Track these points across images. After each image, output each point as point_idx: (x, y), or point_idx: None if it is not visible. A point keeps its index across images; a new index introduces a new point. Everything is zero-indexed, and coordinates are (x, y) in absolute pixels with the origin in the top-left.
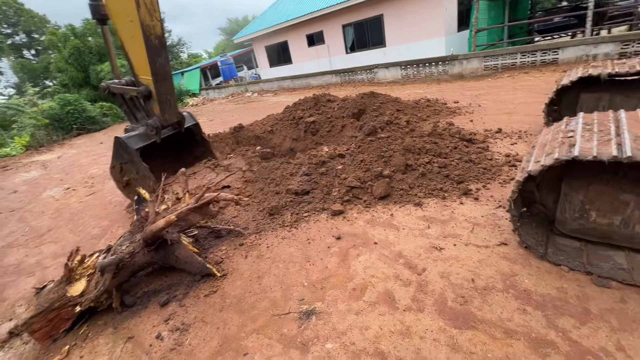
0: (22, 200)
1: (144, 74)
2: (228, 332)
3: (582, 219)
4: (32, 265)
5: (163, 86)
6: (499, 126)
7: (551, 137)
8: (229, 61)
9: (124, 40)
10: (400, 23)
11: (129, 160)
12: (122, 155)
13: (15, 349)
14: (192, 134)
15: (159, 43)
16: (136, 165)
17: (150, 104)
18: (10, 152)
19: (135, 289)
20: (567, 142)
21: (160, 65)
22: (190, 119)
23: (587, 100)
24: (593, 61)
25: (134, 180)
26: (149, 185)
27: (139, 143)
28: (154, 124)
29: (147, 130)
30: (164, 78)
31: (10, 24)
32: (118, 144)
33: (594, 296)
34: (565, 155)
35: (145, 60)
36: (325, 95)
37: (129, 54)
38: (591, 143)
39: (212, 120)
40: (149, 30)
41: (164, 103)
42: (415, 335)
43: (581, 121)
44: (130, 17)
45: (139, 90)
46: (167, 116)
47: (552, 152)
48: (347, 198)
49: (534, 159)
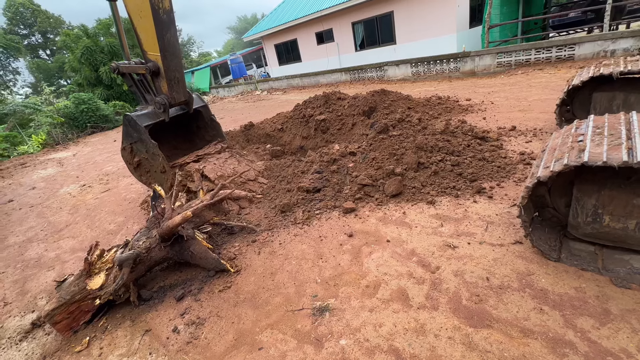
0: (40, 197)
1: (152, 50)
2: (243, 326)
3: (595, 223)
4: (51, 259)
5: (172, 63)
6: (512, 124)
7: (561, 142)
8: (239, 60)
9: (133, 16)
10: (410, 20)
11: (138, 139)
12: (132, 134)
13: (38, 340)
14: (201, 115)
15: (167, 18)
16: (145, 144)
17: (159, 82)
18: (28, 149)
19: (152, 284)
20: (577, 147)
21: (168, 41)
22: (199, 100)
23: (600, 99)
24: (611, 57)
25: (144, 160)
26: (159, 162)
27: (147, 121)
28: (162, 101)
29: (155, 108)
30: (173, 55)
31: (27, 25)
32: (127, 121)
33: (614, 296)
34: (574, 161)
35: (153, 36)
36: (335, 93)
37: (137, 30)
38: (601, 148)
39: (222, 119)
40: (157, 5)
41: (172, 81)
42: (430, 333)
43: (591, 124)
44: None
45: (147, 67)
46: (175, 94)
47: (562, 158)
48: (358, 196)
49: (544, 165)
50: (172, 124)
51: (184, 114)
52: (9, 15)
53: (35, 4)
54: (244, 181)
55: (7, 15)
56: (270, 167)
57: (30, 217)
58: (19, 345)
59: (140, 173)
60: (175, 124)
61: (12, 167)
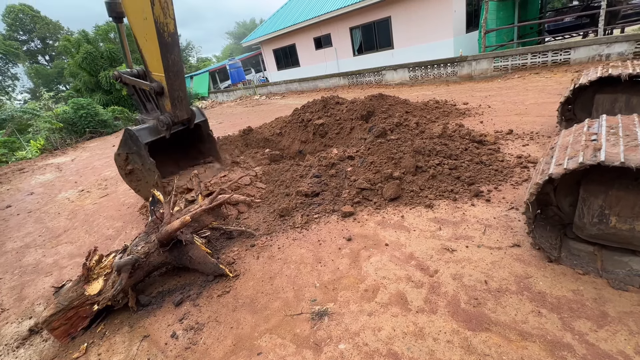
0: (38, 202)
1: (156, 71)
2: (241, 331)
3: (601, 224)
4: (49, 265)
5: (175, 83)
6: (509, 127)
7: (573, 140)
8: (237, 64)
9: (138, 37)
10: (408, 25)
11: (135, 152)
12: (130, 146)
13: (35, 346)
14: (200, 129)
15: (172, 40)
16: (143, 159)
17: (163, 100)
18: (27, 155)
19: (150, 289)
20: (592, 145)
21: (172, 62)
22: (200, 115)
23: (603, 101)
24: (606, 61)
25: (137, 170)
26: (154, 179)
27: (148, 137)
28: (166, 120)
29: (159, 125)
30: (176, 75)
31: (26, 31)
32: (128, 135)
33: (611, 299)
34: (590, 159)
35: (158, 57)
36: (333, 97)
37: (143, 51)
38: (617, 148)
39: (221, 123)
40: (162, 28)
41: (176, 100)
42: (429, 337)
43: (604, 124)
44: (144, 14)
45: (152, 87)
46: (179, 112)
47: (576, 156)
48: (357, 200)
49: (556, 162)
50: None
51: (184, 129)
52: (8, 21)
53: (35, 10)
54: (240, 186)
55: (7, 21)
56: (269, 172)
57: (28, 222)
58: (16, 352)
59: (131, 179)
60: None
61: (11, 172)
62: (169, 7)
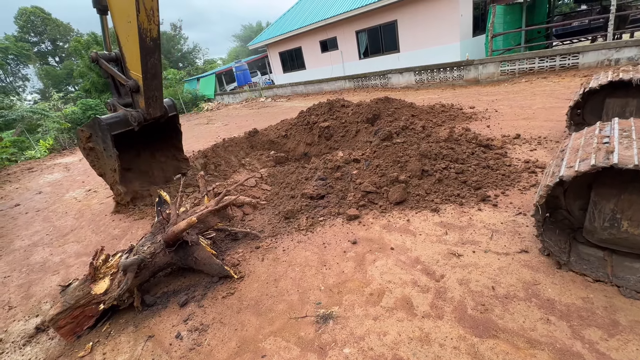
0: (46, 201)
1: (135, 70)
2: (246, 333)
3: (613, 229)
4: (56, 263)
5: (152, 84)
6: (517, 132)
7: (584, 142)
8: (244, 67)
9: (120, 36)
10: (414, 29)
11: (101, 138)
12: (96, 130)
13: (41, 344)
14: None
15: (154, 45)
16: (106, 145)
17: (137, 97)
18: (35, 154)
19: (155, 289)
20: (604, 148)
21: (151, 65)
22: (173, 109)
23: (613, 105)
24: (615, 66)
25: (98, 151)
26: (113, 165)
27: (116, 129)
28: (138, 117)
29: (131, 120)
30: (154, 77)
31: (37, 33)
32: (97, 123)
33: (622, 307)
34: (602, 162)
35: (137, 58)
36: (339, 100)
37: (123, 50)
38: (631, 151)
39: (227, 125)
40: (145, 33)
41: (150, 99)
42: (435, 343)
43: (617, 127)
44: (129, 18)
45: (128, 84)
46: (152, 110)
47: (588, 158)
48: (362, 203)
49: (567, 164)
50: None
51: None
52: (20, 23)
53: (46, 13)
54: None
55: (19, 23)
56: (274, 174)
57: (36, 221)
58: (23, 349)
59: (89, 154)
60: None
61: (20, 171)
62: (155, 14)
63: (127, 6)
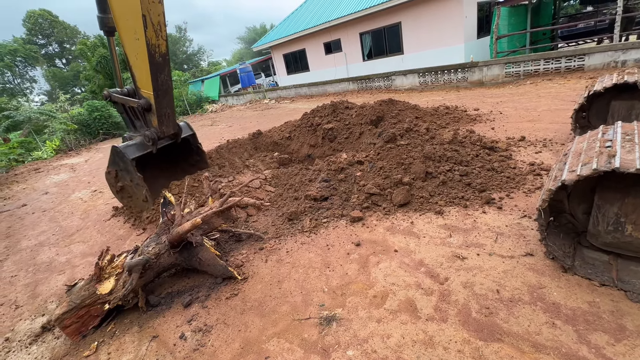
0: (53, 201)
1: (145, 88)
2: (249, 334)
3: (617, 233)
4: (62, 263)
5: (163, 101)
6: (522, 134)
7: (587, 146)
8: (248, 69)
9: (129, 54)
10: (418, 30)
11: (124, 169)
12: (118, 163)
13: (47, 343)
14: (188, 143)
15: (163, 60)
16: (131, 174)
17: (150, 116)
18: (42, 155)
19: (160, 290)
20: (606, 152)
21: (162, 82)
22: (188, 129)
23: (619, 108)
24: (622, 67)
25: (127, 187)
26: (142, 193)
27: (135, 153)
28: (152, 135)
29: (145, 140)
30: (165, 93)
31: (45, 35)
32: (115, 152)
33: (629, 312)
34: (604, 166)
35: (147, 75)
36: (343, 102)
37: (133, 68)
38: (633, 155)
39: (231, 127)
40: (154, 49)
41: (163, 116)
42: (439, 346)
43: (620, 130)
44: (136, 35)
45: (140, 104)
46: (165, 128)
47: (590, 162)
48: (366, 205)
49: (569, 168)
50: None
51: (172, 143)
52: (28, 26)
53: (54, 15)
54: (250, 189)
55: (27, 26)
56: (278, 175)
57: (43, 221)
58: (29, 348)
59: (122, 196)
60: (162, 149)
61: (27, 172)
62: (162, 29)
63: (134, 23)
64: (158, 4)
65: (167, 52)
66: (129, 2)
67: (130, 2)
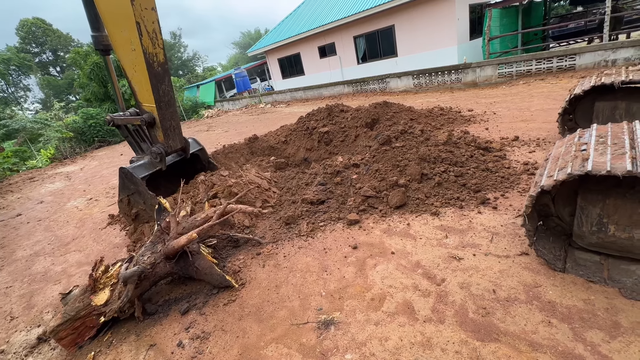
0: (48, 210)
1: (147, 102)
2: (247, 341)
3: (601, 233)
4: (58, 273)
5: (167, 113)
6: (515, 134)
7: (564, 150)
8: (243, 74)
9: (127, 69)
10: (411, 33)
11: (135, 191)
12: (128, 186)
13: (43, 355)
14: (198, 159)
15: (162, 70)
16: (143, 195)
17: (154, 131)
18: (37, 164)
19: (157, 297)
20: (581, 156)
21: (163, 92)
22: (196, 144)
23: (603, 108)
24: (612, 66)
25: (142, 212)
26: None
27: (144, 172)
28: (158, 150)
29: (152, 157)
30: (168, 104)
31: (38, 43)
32: (123, 174)
33: (623, 309)
34: (578, 170)
35: (148, 87)
36: (338, 105)
37: (132, 82)
38: (605, 157)
39: (227, 132)
40: (151, 58)
41: (168, 130)
42: (437, 347)
43: (594, 133)
44: (132, 45)
45: (143, 118)
46: (172, 142)
47: (565, 167)
48: (362, 207)
49: (547, 173)
50: (170, 168)
51: (181, 159)
52: (21, 34)
53: (47, 24)
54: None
55: (20, 34)
56: (275, 179)
57: (38, 230)
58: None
59: (139, 223)
60: (172, 168)
61: (21, 181)
62: (158, 37)
63: (129, 34)
64: (151, 11)
65: (166, 61)
66: (121, 11)
67: (123, 11)
